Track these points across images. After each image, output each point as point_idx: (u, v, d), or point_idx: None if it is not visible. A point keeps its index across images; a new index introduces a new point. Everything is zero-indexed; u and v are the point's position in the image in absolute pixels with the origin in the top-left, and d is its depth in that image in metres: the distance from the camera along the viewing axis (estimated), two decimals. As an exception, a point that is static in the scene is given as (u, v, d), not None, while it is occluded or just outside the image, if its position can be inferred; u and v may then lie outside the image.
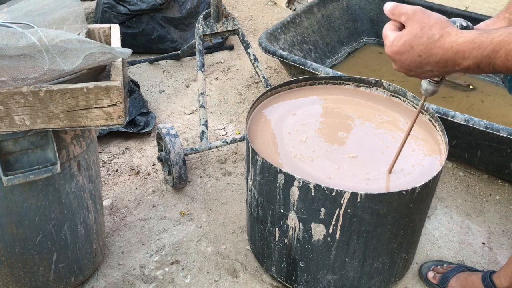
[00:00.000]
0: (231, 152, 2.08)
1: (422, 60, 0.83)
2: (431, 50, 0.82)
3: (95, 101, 1.10)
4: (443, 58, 0.81)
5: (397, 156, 1.25)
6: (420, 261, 1.59)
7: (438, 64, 0.83)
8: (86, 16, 2.79)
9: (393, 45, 0.85)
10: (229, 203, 1.82)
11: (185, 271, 1.55)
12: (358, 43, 2.82)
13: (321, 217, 1.22)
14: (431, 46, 0.81)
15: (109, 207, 1.79)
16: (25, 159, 1.14)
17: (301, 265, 1.35)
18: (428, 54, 0.82)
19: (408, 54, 0.84)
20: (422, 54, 0.82)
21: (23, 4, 1.21)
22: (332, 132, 1.42)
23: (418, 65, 0.85)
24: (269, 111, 1.49)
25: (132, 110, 2.11)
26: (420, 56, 0.83)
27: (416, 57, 0.83)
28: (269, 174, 1.25)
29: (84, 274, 1.45)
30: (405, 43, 0.83)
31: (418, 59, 0.83)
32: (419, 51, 0.82)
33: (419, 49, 0.82)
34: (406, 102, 1.53)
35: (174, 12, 2.73)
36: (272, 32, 2.32)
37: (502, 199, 1.85)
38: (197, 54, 1.93)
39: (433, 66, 0.83)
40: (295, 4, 3.42)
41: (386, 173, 1.28)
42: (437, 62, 0.82)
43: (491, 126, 1.64)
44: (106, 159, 2.02)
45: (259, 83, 2.55)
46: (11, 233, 1.22)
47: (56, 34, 1.01)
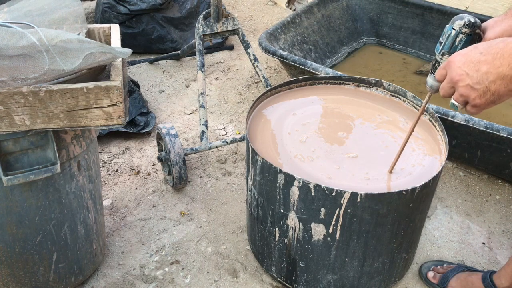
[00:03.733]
0: (231, 152, 2.08)
1: (481, 58, 0.85)
2: (493, 47, 0.84)
3: (95, 101, 1.10)
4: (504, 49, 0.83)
5: (398, 156, 1.25)
6: (420, 261, 1.59)
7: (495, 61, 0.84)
8: (86, 16, 2.79)
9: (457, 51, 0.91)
10: (229, 203, 1.82)
11: (185, 271, 1.55)
12: (358, 43, 2.82)
13: (321, 217, 1.22)
14: (494, 45, 0.84)
15: (109, 207, 1.79)
16: (25, 159, 1.14)
17: (301, 265, 1.35)
18: (489, 50, 0.84)
19: (469, 54, 0.86)
20: (484, 51, 0.85)
21: (23, 4, 1.21)
22: (332, 132, 1.42)
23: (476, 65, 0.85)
24: (269, 111, 1.49)
25: (132, 110, 2.11)
26: (481, 53, 0.85)
27: (477, 54, 0.85)
28: (269, 174, 1.25)
29: (84, 274, 1.45)
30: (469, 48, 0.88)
31: (478, 57, 0.85)
32: (481, 49, 0.85)
33: (482, 47, 0.86)
34: (406, 102, 1.53)
35: (174, 12, 2.73)
36: (272, 32, 2.32)
37: (502, 199, 1.85)
38: (197, 54, 1.93)
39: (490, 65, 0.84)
40: (295, 4, 3.42)
41: (386, 173, 1.28)
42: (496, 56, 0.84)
43: (491, 126, 1.64)
44: (106, 159, 2.02)
45: (259, 83, 2.55)
46: (11, 233, 1.22)
47: (56, 34, 1.01)
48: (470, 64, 0.86)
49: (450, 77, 0.90)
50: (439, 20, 2.59)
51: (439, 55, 1.01)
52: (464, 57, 0.87)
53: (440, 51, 1.00)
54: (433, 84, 1.04)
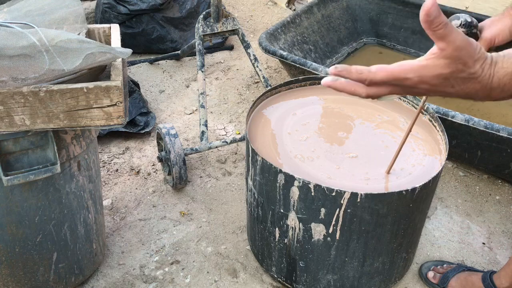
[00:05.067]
0: (231, 152, 2.08)
1: (453, 92, 0.72)
2: (468, 84, 0.71)
3: (95, 101, 1.10)
4: (477, 92, 0.71)
5: (395, 157, 1.25)
6: (420, 261, 1.59)
7: (467, 95, 0.72)
8: (86, 16, 2.79)
9: (422, 75, 0.71)
10: (229, 203, 1.82)
11: (185, 271, 1.55)
12: (358, 43, 2.82)
13: (321, 217, 1.22)
14: (470, 81, 0.70)
15: (109, 207, 1.79)
16: (25, 159, 1.14)
17: (301, 265, 1.35)
18: (463, 87, 0.71)
19: (440, 87, 0.71)
20: (456, 86, 0.71)
21: (23, 4, 1.21)
22: (332, 132, 1.42)
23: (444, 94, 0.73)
24: (269, 111, 1.49)
25: (132, 110, 2.11)
26: (453, 87, 0.71)
27: (448, 88, 0.72)
28: (269, 174, 1.25)
29: (84, 274, 1.45)
30: (439, 76, 0.70)
31: (450, 90, 0.72)
32: (454, 83, 0.71)
33: (454, 81, 0.71)
34: (406, 102, 1.53)
35: (174, 12, 2.73)
36: (272, 32, 2.32)
37: (502, 199, 1.85)
38: (197, 54, 1.93)
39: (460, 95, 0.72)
40: (295, 4, 3.42)
41: (386, 173, 1.28)
42: (468, 93, 0.72)
43: (491, 126, 1.64)
44: (106, 159, 2.02)
45: (259, 83, 2.55)
46: (11, 233, 1.22)
47: (56, 34, 1.01)
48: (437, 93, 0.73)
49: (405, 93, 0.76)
50: (439, 20, 2.58)
51: None
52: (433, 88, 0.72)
53: None
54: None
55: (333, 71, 0.76)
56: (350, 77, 0.77)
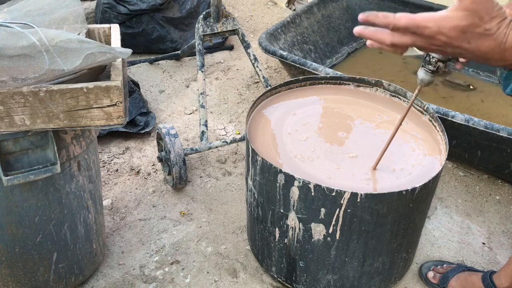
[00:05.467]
0: (231, 152, 2.08)
1: (469, 48, 0.75)
2: (483, 41, 0.74)
3: (95, 101, 1.10)
4: (492, 51, 0.74)
5: (383, 152, 1.25)
6: (420, 261, 1.59)
7: (482, 55, 0.76)
8: (86, 16, 2.79)
9: (441, 25, 0.73)
10: (229, 203, 1.82)
11: (185, 271, 1.55)
12: (358, 43, 2.82)
13: (321, 217, 1.22)
14: (485, 37, 0.73)
15: (109, 207, 1.79)
16: (25, 159, 1.14)
17: (301, 265, 1.35)
18: (479, 43, 0.74)
19: (457, 40, 0.74)
20: (472, 42, 0.74)
21: (23, 4, 1.21)
22: (332, 132, 1.42)
23: (461, 51, 0.76)
24: (269, 111, 1.49)
25: (132, 110, 2.11)
26: (469, 43, 0.74)
27: (464, 43, 0.75)
28: (269, 174, 1.25)
29: (84, 274, 1.45)
30: (456, 28, 0.73)
31: (465, 46, 0.75)
32: (470, 38, 0.74)
33: (471, 36, 0.73)
34: (406, 102, 1.53)
35: (174, 12, 2.73)
36: (272, 32, 2.32)
37: (502, 199, 1.85)
38: (197, 54, 1.93)
39: (475, 55, 0.76)
40: (295, 4, 3.42)
41: (386, 173, 1.28)
42: (483, 53, 0.75)
43: (491, 126, 1.64)
44: (106, 159, 2.02)
45: (259, 83, 2.55)
46: (11, 233, 1.22)
47: (56, 34, 1.01)
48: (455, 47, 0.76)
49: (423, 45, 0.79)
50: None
51: None
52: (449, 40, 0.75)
53: None
54: (424, 77, 1.00)
55: (362, 16, 0.81)
56: (376, 20, 0.80)
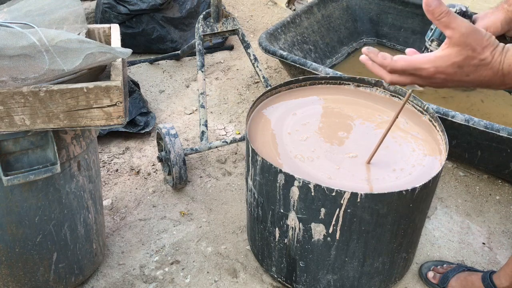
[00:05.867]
0: (231, 152, 2.08)
1: (468, 80, 0.79)
2: (481, 72, 0.77)
3: (95, 101, 1.10)
4: (491, 79, 0.77)
5: (377, 147, 1.25)
6: (420, 261, 1.59)
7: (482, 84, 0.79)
8: (86, 16, 2.79)
9: (438, 66, 0.77)
10: (229, 203, 1.82)
11: (185, 271, 1.55)
12: (358, 43, 2.82)
13: (321, 217, 1.22)
14: (482, 68, 0.76)
15: (109, 207, 1.79)
16: (25, 159, 1.14)
17: (301, 265, 1.35)
18: (477, 75, 0.77)
19: (455, 75, 0.78)
20: (471, 75, 0.77)
21: (23, 4, 1.21)
22: (332, 132, 1.42)
23: (461, 83, 0.80)
24: (269, 111, 1.49)
25: (132, 110, 2.11)
26: (468, 76, 0.78)
27: (463, 77, 0.78)
28: (269, 174, 1.25)
29: (84, 274, 1.45)
30: (453, 64, 0.77)
31: (465, 79, 0.78)
32: (468, 71, 0.77)
33: (468, 69, 0.77)
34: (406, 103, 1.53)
35: (174, 12, 2.73)
36: (272, 32, 2.32)
37: (502, 199, 1.85)
38: (197, 54, 1.93)
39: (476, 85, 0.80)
40: (295, 4, 3.42)
41: (386, 173, 1.28)
42: (483, 82, 0.78)
43: (491, 126, 1.64)
44: (106, 159, 2.02)
45: (259, 83, 2.55)
46: (11, 233, 1.22)
47: (56, 34, 1.01)
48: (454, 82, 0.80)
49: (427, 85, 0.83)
50: (439, 20, 2.58)
51: (429, 42, 1.00)
52: (448, 77, 0.79)
53: (430, 38, 1.00)
54: None
55: (365, 51, 0.85)
56: (375, 60, 0.83)
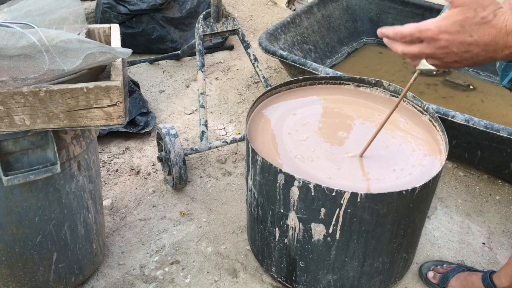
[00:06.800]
0: (231, 152, 2.08)
1: (472, 41, 0.78)
2: (483, 30, 0.77)
3: (95, 101, 1.10)
4: (495, 39, 0.78)
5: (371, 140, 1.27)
6: (420, 261, 1.59)
7: (487, 47, 0.79)
8: (86, 16, 2.79)
9: (441, 25, 0.79)
10: (229, 203, 1.82)
11: (185, 271, 1.55)
12: (358, 43, 2.82)
13: (321, 217, 1.22)
14: (484, 26, 0.77)
15: (109, 207, 1.79)
16: (25, 159, 1.14)
17: (301, 265, 1.35)
18: (480, 34, 0.78)
19: (458, 35, 0.79)
20: (474, 34, 0.78)
21: (23, 4, 1.21)
22: (332, 132, 1.42)
23: (467, 48, 0.79)
24: (269, 111, 1.49)
25: (132, 110, 2.11)
26: (471, 36, 0.78)
27: (467, 37, 0.78)
28: (269, 174, 1.25)
29: (84, 274, 1.45)
30: (455, 23, 0.78)
31: (469, 40, 0.78)
32: (470, 31, 0.78)
33: (470, 28, 0.78)
34: (406, 102, 1.53)
35: (174, 12, 2.73)
36: (272, 32, 2.32)
37: (502, 199, 1.85)
38: (197, 54, 1.93)
39: (481, 49, 0.79)
40: (295, 4, 3.42)
41: (386, 173, 1.28)
42: (487, 43, 0.78)
43: (491, 126, 1.64)
44: (106, 159, 2.02)
45: (259, 83, 2.55)
46: (11, 233, 1.22)
47: (56, 34, 1.01)
48: (459, 45, 0.80)
49: (432, 52, 0.84)
50: (439, 20, 2.59)
51: None
52: (452, 37, 0.80)
53: None
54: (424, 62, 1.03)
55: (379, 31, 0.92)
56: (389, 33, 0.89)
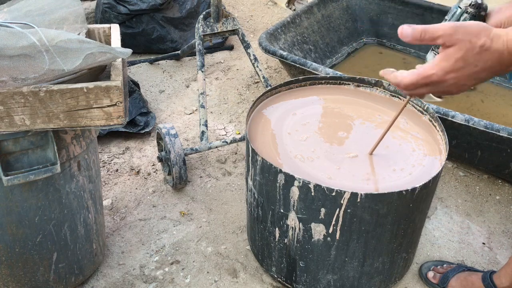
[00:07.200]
0: (231, 152, 2.08)
1: (478, 70, 0.80)
2: (486, 57, 0.78)
3: (95, 101, 1.10)
4: (499, 61, 0.79)
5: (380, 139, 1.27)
6: (420, 261, 1.59)
7: (493, 69, 0.80)
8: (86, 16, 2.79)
9: (444, 66, 0.80)
10: (229, 203, 1.82)
11: (185, 271, 1.55)
12: (358, 43, 2.82)
13: (321, 217, 1.22)
14: (486, 53, 0.78)
15: (109, 207, 1.79)
16: (25, 159, 1.14)
17: (301, 265, 1.35)
18: (484, 61, 0.79)
19: (464, 70, 0.79)
20: (478, 64, 0.79)
21: (23, 4, 1.21)
22: (332, 132, 1.42)
23: (475, 76, 0.81)
24: (269, 111, 1.49)
25: (132, 110, 2.11)
26: (476, 66, 0.79)
27: (472, 68, 0.79)
28: (269, 174, 1.25)
29: (84, 274, 1.45)
30: (457, 60, 0.79)
31: (475, 70, 0.79)
32: (474, 62, 0.79)
33: (473, 59, 0.78)
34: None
35: (174, 12, 2.73)
36: (272, 32, 2.32)
37: (502, 199, 1.85)
38: (197, 54, 1.93)
39: (488, 72, 0.81)
40: (295, 4, 3.42)
41: (386, 173, 1.28)
42: (493, 66, 0.80)
43: (491, 126, 1.64)
44: (106, 159, 2.02)
45: (259, 83, 2.55)
46: (11, 233, 1.22)
47: (56, 34, 1.01)
48: (468, 78, 0.81)
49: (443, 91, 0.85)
50: (439, 20, 2.57)
51: None
52: (459, 73, 0.81)
53: None
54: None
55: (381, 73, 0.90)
56: (389, 80, 0.87)
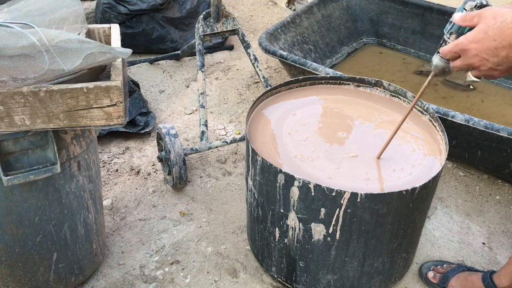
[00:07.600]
0: (231, 152, 2.08)
1: (497, 45, 0.87)
2: (505, 32, 0.85)
3: (95, 101, 1.10)
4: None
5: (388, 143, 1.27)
6: (420, 261, 1.59)
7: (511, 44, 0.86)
8: (86, 16, 2.79)
9: (467, 36, 0.90)
10: (229, 203, 1.82)
11: (185, 271, 1.55)
12: (358, 43, 2.82)
13: (321, 217, 1.22)
14: (505, 28, 0.85)
15: (109, 207, 1.79)
16: (25, 159, 1.14)
17: (301, 265, 1.35)
18: (503, 36, 0.86)
19: (484, 41, 0.88)
20: (497, 37, 0.86)
21: (23, 4, 1.21)
22: (332, 132, 1.42)
23: (494, 52, 0.88)
24: (269, 111, 1.49)
25: (132, 110, 2.11)
26: (495, 40, 0.87)
27: (491, 41, 0.87)
28: (269, 174, 1.25)
29: (84, 274, 1.45)
30: (479, 31, 0.88)
31: (493, 44, 0.87)
32: (493, 35, 0.86)
33: (493, 33, 0.86)
34: (406, 102, 1.53)
35: (174, 12, 2.73)
36: (272, 32, 2.32)
37: (502, 199, 1.85)
38: (197, 54, 1.93)
39: (508, 50, 0.87)
40: (295, 4, 3.42)
41: (386, 173, 1.28)
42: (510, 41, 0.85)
43: (491, 126, 1.64)
44: (106, 159, 2.02)
45: (259, 83, 2.55)
46: (11, 233, 1.22)
47: (56, 34, 1.01)
48: (487, 51, 0.88)
49: (469, 63, 0.93)
50: (439, 20, 2.59)
51: (447, 35, 1.02)
52: (479, 45, 0.89)
53: (449, 31, 1.01)
54: (439, 64, 1.05)
55: None
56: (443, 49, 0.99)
